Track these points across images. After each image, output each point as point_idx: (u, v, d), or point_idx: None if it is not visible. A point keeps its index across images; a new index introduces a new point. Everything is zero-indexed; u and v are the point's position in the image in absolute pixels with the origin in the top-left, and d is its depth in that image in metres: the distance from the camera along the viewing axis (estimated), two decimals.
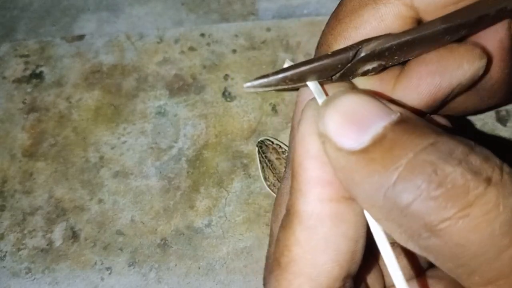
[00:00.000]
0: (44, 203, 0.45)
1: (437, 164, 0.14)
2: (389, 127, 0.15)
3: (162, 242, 0.42)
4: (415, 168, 0.14)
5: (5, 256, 0.43)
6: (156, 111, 0.49)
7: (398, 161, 0.15)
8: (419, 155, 0.15)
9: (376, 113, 0.16)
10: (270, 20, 0.53)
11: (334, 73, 0.18)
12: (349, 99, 0.16)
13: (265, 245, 0.41)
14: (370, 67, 0.18)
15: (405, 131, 0.15)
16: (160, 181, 0.45)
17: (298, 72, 0.17)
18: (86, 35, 0.54)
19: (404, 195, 0.14)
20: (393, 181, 0.15)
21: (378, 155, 0.15)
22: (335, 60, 0.18)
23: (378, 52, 0.18)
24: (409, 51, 0.19)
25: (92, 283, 0.41)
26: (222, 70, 0.50)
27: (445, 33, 0.18)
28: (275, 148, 0.44)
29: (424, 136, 0.15)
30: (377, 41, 0.18)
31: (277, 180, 0.42)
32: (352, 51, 0.18)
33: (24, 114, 0.50)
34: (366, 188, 0.15)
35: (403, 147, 0.15)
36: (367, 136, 0.15)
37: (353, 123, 0.16)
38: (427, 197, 0.14)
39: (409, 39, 0.18)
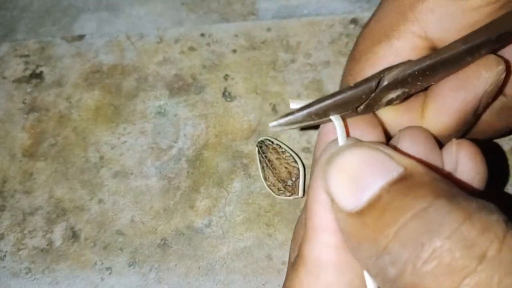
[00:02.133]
0: (44, 203, 0.45)
1: (424, 236, 0.13)
2: (386, 187, 0.15)
3: (162, 242, 0.42)
4: (403, 239, 0.13)
5: (5, 256, 0.43)
6: (156, 111, 0.49)
7: (387, 229, 0.14)
8: (409, 223, 0.13)
9: (377, 170, 0.15)
10: (270, 20, 0.53)
11: (358, 105, 0.18)
12: (351, 155, 0.15)
13: (265, 245, 0.41)
14: (394, 95, 0.18)
15: (401, 193, 0.14)
16: (160, 181, 0.45)
17: (322, 106, 0.17)
18: (86, 35, 0.54)
19: (390, 268, 0.13)
20: (381, 252, 0.14)
21: (371, 219, 0.14)
22: (359, 91, 0.17)
23: (401, 79, 0.18)
24: (432, 76, 0.18)
25: (92, 283, 0.41)
26: (222, 70, 0.50)
27: (466, 54, 0.18)
28: (275, 148, 0.44)
29: (420, 199, 0.14)
30: (398, 69, 0.18)
31: (277, 180, 0.42)
32: (375, 81, 0.17)
33: (24, 114, 0.50)
34: (360, 254, 0.15)
35: (395, 212, 0.14)
36: (364, 198, 0.15)
37: (353, 182, 0.15)
38: (413, 273, 0.13)
39: (430, 63, 0.18)
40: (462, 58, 0.18)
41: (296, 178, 0.42)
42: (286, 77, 0.49)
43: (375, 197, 0.14)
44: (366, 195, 0.15)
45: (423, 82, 0.19)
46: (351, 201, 0.15)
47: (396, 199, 0.14)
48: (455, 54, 0.18)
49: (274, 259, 0.41)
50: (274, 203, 0.43)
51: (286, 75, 0.49)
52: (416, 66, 0.17)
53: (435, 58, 0.17)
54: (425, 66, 0.17)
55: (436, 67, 0.18)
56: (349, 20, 0.51)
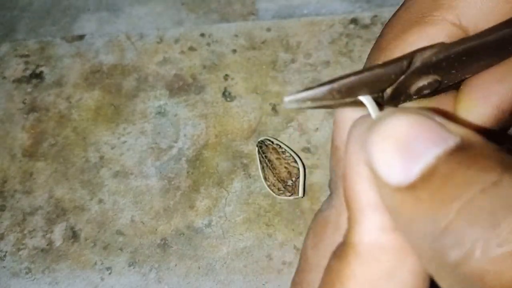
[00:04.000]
0: (44, 203, 0.45)
1: (498, 214, 0.11)
2: (443, 157, 0.13)
3: (162, 242, 0.42)
4: (470, 217, 0.11)
5: (5, 256, 0.43)
6: (156, 111, 0.49)
7: (449, 204, 0.12)
8: (476, 199, 0.12)
9: (430, 138, 0.13)
10: (270, 20, 0.53)
11: (386, 86, 0.16)
12: (398, 121, 0.13)
13: (265, 245, 0.41)
14: (425, 82, 0.16)
15: (463, 163, 0.12)
16: (160, 181, 0.45)
17: (346, 83, 0.15)
18: (86, 35, 0.54)
19: (453, 251, 0.12)
20: (440, 231, 0.12)
21: (427, 194, 0.12)
22: (388, 70, 0.15)
23: (434, 63, 0.16)
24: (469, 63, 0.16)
25: (92, 283, 0.41)
26: (222, 70, 0.50)
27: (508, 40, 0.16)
28: (275, 148, 0.44)
29: (487, 172, 0.12)
30: (432, 50, 0.15)
31: (277, 180, 0.42)
32: (407, 60, 0.15)
33: (24, 114, 0.50)
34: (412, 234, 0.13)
35: (457, 186, 0.12)
36: (416, 169, 0.13)
37: (401, 152, 0.13)
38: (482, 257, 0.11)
39: (468, 46, 0.15)
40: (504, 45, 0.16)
41: (296, 178, 0.42)
42: (286, 77, 0.49)
43: (430, 168, 0.13)
44: (419, 165, 0.13)
45: (458, 71, 0.17)
46: (399, 173, 0.13)
47: (457, 170, 0.12)
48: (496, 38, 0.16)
49: (274, 259, 0.41)
50: (274, 203, 0.43)
51: (286, 75, 0.49)
52: (452, 48, 0.15)
53: (474, 41, 0.15)
54: (461, 50, 0.15)
55: (475, 53, 0.16)
56: (349, 20, 0.51)
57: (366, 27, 0.50)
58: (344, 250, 0.15)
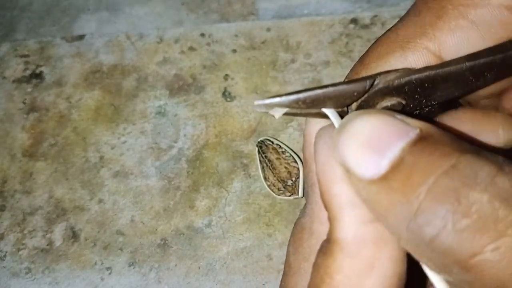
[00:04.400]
0: (44, 203, 0.45)
1: (460, 191, 0.13)
2: (407, 149, 0.14)
3: (162, 242, 0.42)
4: (436, 197, 0.13)
5: (5, 256, 0.43)
6: (156, 111, 0.49)
7: (417, 188, 0.13)
8: (440, 181, 0.13)
9: (393, 133, 0.14)
10: (270, 20, 0.53)
11: (349, 102, 0.17)
12: (363, 121, 0.15)
13: (265, 245, 0.41)
14: (388, 103, 0.18)
15: (424, 152, 0.14)
16: (160, 181, 0.45)
17: (311, 95, 0.16)
18: (86, 35, 0.54)
19: (427, 228, 0.13)
20: (414, 213, 0.13)
21: (398, 182, 0.14)
22: (351, 87, 0.17)
23: (396, 86, 0.17)
24: (431, 90, 0.18)
25: (92, 283, 0.41)
26: (222, 70, 0.50)
27: (470, 73, 0.17)
28: (275, 148, 0.44)
29: (446, 156, 0.14)
30: (396, 74, 0.17)
31: (277, 180, 0.42)
32: (369, 81, 0.17)
33: (24, 114, 0.50)
34: (390, 220, 0.14)
35: (422, 172, 0.14)
36: (384, 162, 0.14)
37: (370, 148, 0.14)
38: (452, 230, 0.13)
39: (430, 74, 0.17)
40: (466, 77, 0.17)
41: (296, 178, 0.42)
42: (286, 77, 0.49)
43: (397, 159, 0.14)
44: (387, 158, 0.14)
45: (421, 96, 0.18)
46: (371, 167, 0.14)
47: (421, 158, 0.14)
48: (458, 70, 0.17)
49: (274, 259, 0.41)
50: (274, 203, 0.43)
51: (286, 75, 0.49)
52: (414, 74, 0.17)
53: (435, 70, 0.17)
54: (423, 76, 0.17)
55: (436, 81, 0.17)
56: (349, 20, 0.51)
57: (366, 27, 0.50)
58: (329, 247, 0.16)
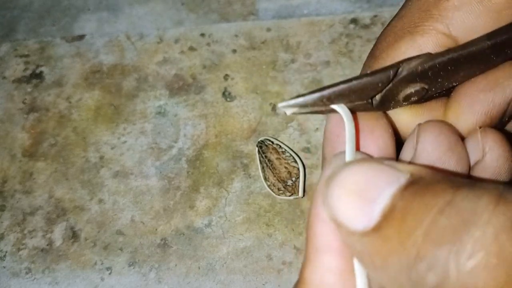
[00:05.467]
0: (44, 203, 0.45)
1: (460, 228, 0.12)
2: (397, 195, 0.13)
3: (162, 242, 0.42)
4: (435, 238, 0.12)
5: (5, 256, 0.43)
6: (156, 111, 0.49)
7: (413, 233, 0.12)
8: (436, 221, 0.12)
9: (382, 180, 0.14)
10: (270, 20, 0.53)
11: (374, 94, 0.17)
12: (350, 172, 0.14)
13: (265, 245, 0.41)
14: (412, 90, 0.17)
15: (417, 194, 0.13)
16: (160, 181, 0.45)
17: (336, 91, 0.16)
18: (86, 35, 0.54)
19: (429, 275, 0.12)
20: (413, 260, 0.12)
21: (392, 231, 0.13)
22: (375, 79, 0.16)
23: (420, 72, 0.17)
24: (454, 72, 0.17)
25: (92, 283, 0.41)
26: (222, 70, 0.50)
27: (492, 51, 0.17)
28: (275, 148, 0.44)
29: (439, 195, 0.12)
30: (419, 60, 0.16)
31: (277, 180, 0.42)
32: (393, 70, 0.16)
33: (24, 114, 0.50)
34: (389, 271, 0.13)
35: (416, 215, 0.12)
36: (376, 211, 0.13)
37: (359, 199, 0.14)
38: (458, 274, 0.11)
39: (453, 56, 0.16)
40: (487, 56, 0.17)
41: (296, 178, 0.42)
42: (286, 77, 0.49)
43: (389, 207, 0.13)
44: (377, 207, 0.13)
45: (444, 80, 0.17)
46: (362, 219, 0.13)
47: (413, 201, 0.13)
48: (480, 49, 0.16)
49: (274, 259, 0.41)
50: (274, 203, 0.43)
51: (286, 75, 0.49)
52: (437, 58, 0.16)
53: (458, 52, 0.16)
54: (446, 60, 0.16)
55: (459, 62, 0.17)
56: (349, 20, 0.51)
57: (366, 27, 0.50)
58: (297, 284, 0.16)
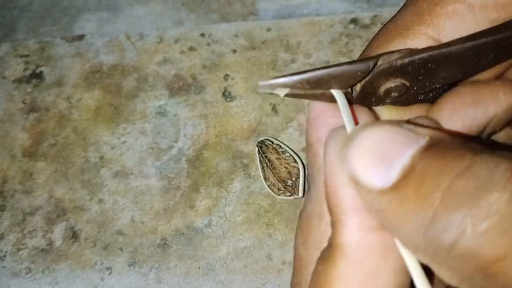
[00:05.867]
0: (44, 203, 0.45)
1: (477, 192, 0.12)
2: (417, 156, 0.14)
3: (162, 242, 0.42)
4: (452, 201, 0.12)
5: (5, 256, 0.43)
6: (156, 111, 0.49)
7: (431, 194, 0.13)
8: (454, 184, 0.13)
9: (402, 142, 0.14)
10: (270, 20, 0.53)
11: (354, 83, 0.18)
12: (371, 132, 0.15)
13: (265, 245, 0.41)
14: (392, 84, 0.18)
15: (436, 157, 0.13)
16: (160, 181, 0.45)
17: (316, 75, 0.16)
18: (86, 35, 0.54)
19: (445, 235, 0.12)
20: (430, 221, 0.13)
21: (410, 190, 0.13)
22: (354, 67, 0.17)
23: (400, 66, 0.17)
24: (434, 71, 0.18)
25: (92, 283, 0.41)
26: (222, 70, 0.50)
27: (472, 53, 0.17)
28: (275, 148, 0.44)
29: (458, 159, 0.13)
30: (398, 54, 0.17)
31: (277, 180, 0.42)
32: (373, 61, 0.17)
33: (24, 114, 0.50)
34: (404, 230, 0.14)
35: (435, 177, 0.13)
36: (395, 171, 0.14)
37: (379, 158, 0.14)
38: (472, 234, 0.12)
39: (432, 54, 0.17)
40: (469, 57, 0.18)
41: (296, 178, 0.42)
42: None
43: (408, 167, 0.14)
44: (397, 167, 0.14)
45: (425, 78, 0.18)
46: (381, 177, 0.14)
47: (432, 163, 0.13)
48: (459, 49, 0.17)
49: (274, 259, 0.41)
50: (274, 203, 0.43)
51: None
52: (416, 54, 0.17)
53: (437, 50, 0.17)
54: (426, 56, 0.17)
55: (439, 61, 0.17)
56: (349, 20, 0.51)
57: (366, 27, 0.50)
58: (330, 252, 0.16)
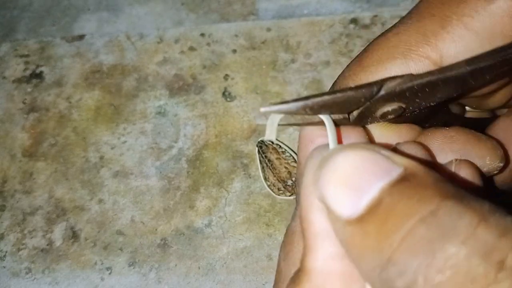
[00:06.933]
0: (44, 203, 0.45)
1: (436, 242, 0.12)
2: (386, 189, 0.13)
3: (162, 242, 0.42)
4: (410, 247, 0.12)
5: (5, 256, 0.43)
6: (156, 111, 0.49)
7: (391, 236, 0.12)
8: (416, 229, 0.12)
9: (374, 172, 0.14)
10: (270, 20, 0.53)
11: (355, 108, 0.17)
12: (345, 157, 0.14)
13: (265, 245, 0.41)
14: (390, 108, 0.18)
15: (404, 195, 0.13)
16: (160, 181, 0.45)
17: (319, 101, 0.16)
18: (86, 35, 0.54)
19: (398, 280, 0.12)
20: (386, 262, 0.13)
21: (373, 226, 0.13)
22: (358, 93, 0.17)
23: (399, 92, 0.17)
24: (431, 94, 0.18)
25: (92, 283, 0.41)
26: (222, 70, 0.50)
27: (470, 76, 0.17)
28: (275, 148, 0.44)
29: (426, 201, 0.13)
30: (400, 80, 0.17)
31: (277, 180, 0.42)
32: (377, 87, 0.17)
33: (24, 114, 0.50)
34: (363, 265, 0.13)
35: (399, 217, 0.13)
36: (363, 202, 0.13)
37: (350, 186, 0.14)
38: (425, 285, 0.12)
39: (431, 79, 0.17)
40: (465, 80, 0.18)
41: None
42: (286, 77, 0.49)
43: (375, 201, 0.13)
44: (365, 199, 0.13)
45: (421, 100, 0.18)
46: (348, 207, 0.13)
47: (399, 202, 0.13)
48: (458, 74, 0.17)
49: (274, 259, 0.41)
50: (274, 203, 0.43)
51: (286, 75, 0.49)
52: (416, 80, 0.17)
53: (437, 75, 0.17)
54: (425, 82, 0.17)
55: (437, 85, 0.17)
56: (349, 20, 0.51)
57: (366, 27, 0.50)
58: (298, 276, 0.16)
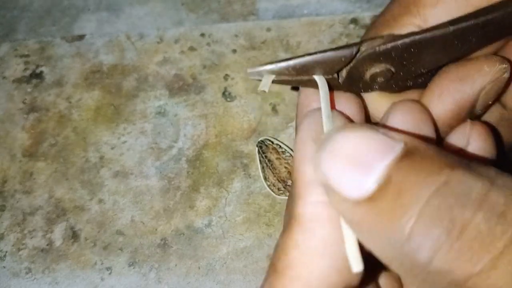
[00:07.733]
0: (44, 203, 0.45)
1: (453, 210, 0.12)
2: (393, 166, 0.13)
3: (162, 242, 0.42)
4: (429, 218, 0.12)
5: (5, 256, 0.43)
6: (156, 111, 0.49)
7: (408, 210, 0.13)
8: (432, 201, 0.12)
9: (378, 149, 0.13)
10: (270, 20, 0.53)
11: (339, 68, 0.18)
12: (344, 137, 0.14)
13: (265, 245, 0.41)
14: (377, 69, 0.18)
15: (413, 168, 0.13)
16: (160, 181, 0.45)
17: (301, 62, 0.17)
18: (86, 35, 0.54)
19: (422, 251, 0.12)
20: (406, 236, 0.13)
21: (386, 204, 0.13)
22: (338, 53, 0.17)
23: (383, 51, 0.17)
24: (418, 56, 0.18)
25: (92, 283, 0.41)
26: (222, 70, 0.50)
27: (455, 37, 0.17)
28: (275, 148, 0.44)
29: (436, 173, 0.13)
30: (381, 40, 0.17)
31: (277, 180, 0.42)
32: (356, 47, 0.17)
33: (24, 114, 0.50)
34: (380, 244, 0.13)
35: (412, 191, 0.13)
36: (371, 181, 0.13)
37: (354, 166, 0.13)
38: (448, 251, 0.12)
39: (415, 39, 0.17)
40: (451, 42, 0.18)
41: None
42: None
43: (384, 178, 0.13)
44: (373, 177, 0.13)
45: (409, 63, 0.18)
46: (356, 187, 0.13)
47: (409, 176, 0.13)
48: (442, 34, 0.17)
49: None
50: (274, 203, 0.43)
51: None
52: (399, 40, 0.17)
53: (420, 35, 0.17)
54: (409, 42, 0.17)
55: (422, 46, 0.17)
56: (349, 20, 0.51)
57: (366, 27, 0.50)
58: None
